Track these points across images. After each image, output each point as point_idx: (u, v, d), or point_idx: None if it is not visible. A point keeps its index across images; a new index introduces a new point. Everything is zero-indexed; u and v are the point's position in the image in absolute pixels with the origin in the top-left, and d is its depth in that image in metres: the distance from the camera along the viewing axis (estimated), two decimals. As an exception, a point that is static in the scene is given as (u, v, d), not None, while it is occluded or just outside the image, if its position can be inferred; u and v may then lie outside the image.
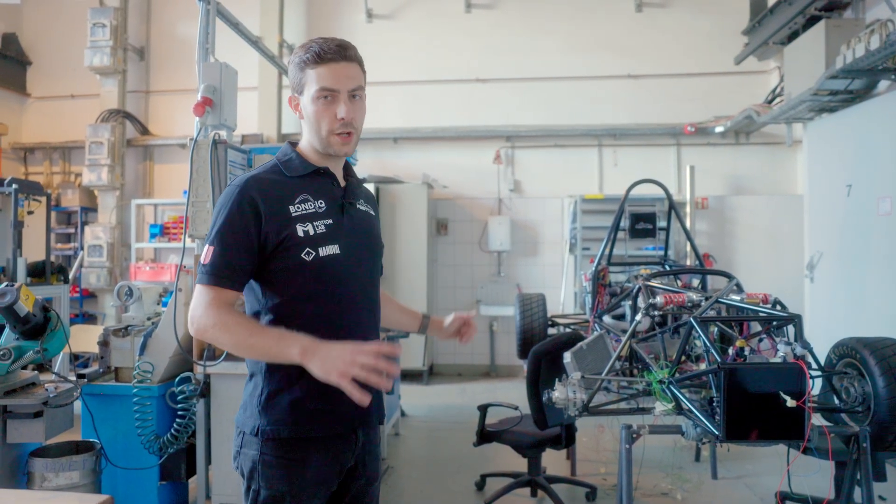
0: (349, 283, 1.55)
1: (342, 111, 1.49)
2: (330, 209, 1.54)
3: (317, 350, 1.35)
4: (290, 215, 1.48)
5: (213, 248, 1.46)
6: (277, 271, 1.49)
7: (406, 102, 7.54)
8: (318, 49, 1.48)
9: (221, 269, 1.44)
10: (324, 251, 1.49)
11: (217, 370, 2.92)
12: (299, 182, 1.53)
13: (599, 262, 3.69)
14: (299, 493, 1.47)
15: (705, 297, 2.57)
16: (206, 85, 3.02)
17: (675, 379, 2.33)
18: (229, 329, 1.41)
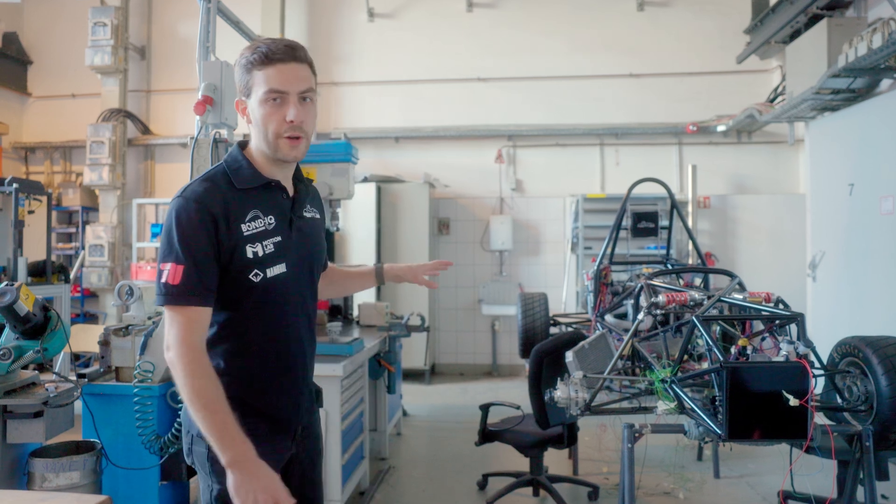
0: (292, 299, 1.56)
1: (291, 114, 1.43)
2: (279, 225, 1.51)
3: (243, 469, 1.34)
4: (243, 234, 1.44)
5: (183, 265, 1.37)
6: (225, 290, 1.45)
7: (407, 101, 7.53)
8: (265, 49, 1.43)
9: (196, 286, 1.38)
10: (271, 272, 1.48)
11: (218, 369, 2.91)
12: (249, 196, 1.48)
13: (601, 261, 3.68)
14: None
15: (708, 295, 2.56)
16: (206, 83, 3.01)
17: (678, 378, 2.32)
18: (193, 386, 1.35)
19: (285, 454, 1.57)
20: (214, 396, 1.36)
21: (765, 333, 2.48)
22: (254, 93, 1.45)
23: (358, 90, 7.72)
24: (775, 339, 2.49)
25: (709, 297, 2.52)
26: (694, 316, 2.25)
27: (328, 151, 3.24)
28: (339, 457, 2.91)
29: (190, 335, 1.37)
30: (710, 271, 3.10)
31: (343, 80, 7.74)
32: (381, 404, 4.17)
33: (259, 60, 1.43)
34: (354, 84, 7.72)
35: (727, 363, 2.08)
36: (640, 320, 2.58)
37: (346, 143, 3.24)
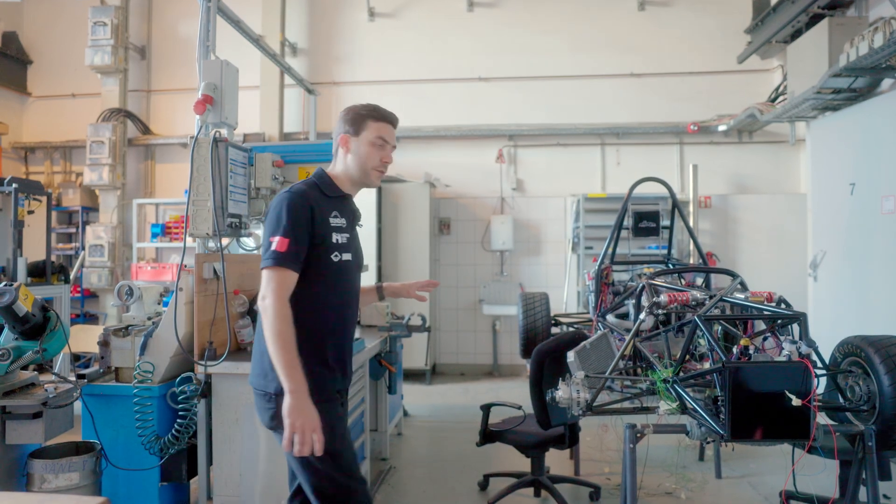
0: (350, 282, 2.07)
1: (389, 156, 2.07)
2: (348, 226, 2.05)
3: (299, 398, 1.78)
4: (331, 225, 1.97)
5: (287, 238, 1.86)
6: (312, 264, 1.92)
7: (408, 101, 7.51)
8: (383, 112, 2.08)
9: (294, 256, 1.87)
10: (345, 257, 2.00)
11: (218, 370, 2.90)
12: (333, 201, 2.03)
13: (602, 261, 3.67)
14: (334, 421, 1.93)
15: (709, 295, 2.55)
16: (206, 83, 3.01)
17: (680, 378, 2.31)
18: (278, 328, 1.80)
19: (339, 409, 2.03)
20: (290, 340, 1.81)
21: (767, 333, 2.47)
22: (363, 135, 2.04)
23: (358, 90, 7.71)
24: (777, 339, 2.48)
25: (711, 297, 2.51)
26: (696, 316, 2.24)
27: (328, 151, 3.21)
28: (339, 457, 2.90)
29: (283, 290, 1.85)
30: (712, 271, 3.08)
31: (343, 79, 7.73)
32: (382, 404, 4.16)
33: (376, 116, 2.05)
34: (355, 84, 7.71)
35: (729, 363, 2.07)
36: (642, 320, 2.57)
37: (346, 142, 3.23)
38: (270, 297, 1.83)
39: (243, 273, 3.52)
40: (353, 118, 2.05)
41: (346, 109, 2.09)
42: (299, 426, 1.75)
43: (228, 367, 2.90)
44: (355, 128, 2.05)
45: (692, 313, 2.46)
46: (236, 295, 3.28)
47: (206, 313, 2.98)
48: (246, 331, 3.28)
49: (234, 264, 3.40)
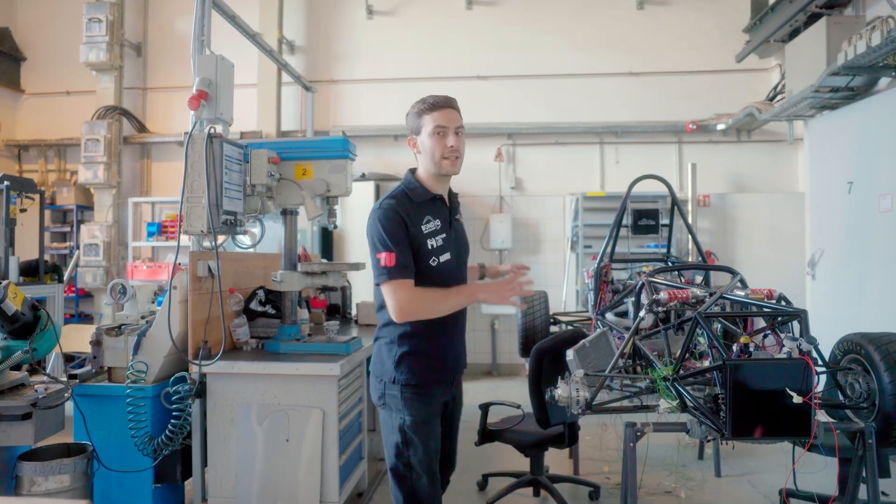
0: (454, 277, 2.19)
1: (451, 140, 2.09)
2: (443, 226, 2.15)
3: (483, 288, 2.08)
4: (423, 232, 2.09)
5: (393, 253, 2.02)
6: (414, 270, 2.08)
7: (406, 99, 7.30)
8: (432, 101, 2.11)
9: (402, 266, 2.03)
10: (443, 258, 2.13)
11: (213, 369, 2.86)
12: (423, 206, 2.13)
13: (602, 259, 3.64)
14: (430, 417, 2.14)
15: (709, 292, 2.52)
16: (201, 78, 2.97)
17: (680, 376, 2.28)
18: (428, 299, 2.05)
19: (447, 394, 2.23)
20: (441, 291, 2.07)
21: (767, 331, 2.44)
22: (424, 130, 2.11)
23: (357, 88, 7.68)
24: (778, 337, 2.46)
25: (710, 294, 2.48)
26: (696, 313, 2.21)
27: (325, 148, 3.18)
28: (336, 457, 2.86)
29: (405, 294, 2.03)
30: (712, 268, 3.06)
31: (342, 77, 7.70)
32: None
33: (428, 108, 2.10)
34: (353, 82, 7.67)
35: (730, 360, 2.04)
36: (642, 318, 2.54)
37: (343, 139, 3.19)
38: (402, 305, 2.03)
39: (239, 271, 3.49)
40: (411, 119, 2.17)
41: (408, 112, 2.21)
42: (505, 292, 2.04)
43: (223, 366, 2.86)
44: (415, 126, 2.16)
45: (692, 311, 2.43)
46: (231, 293, 3.25)
47: (201, 312, 2.95)
48: (241, 329, 3.24)
49: (229, 262, 3.37)
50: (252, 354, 3.09)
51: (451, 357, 2.21)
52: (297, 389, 2.87)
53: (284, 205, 3.23)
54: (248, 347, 3.23)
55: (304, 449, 2.83)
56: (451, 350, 2.21)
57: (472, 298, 2.09)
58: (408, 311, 2.04)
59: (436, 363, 2.15)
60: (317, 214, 3.09)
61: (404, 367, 2.12)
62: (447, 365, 2.20)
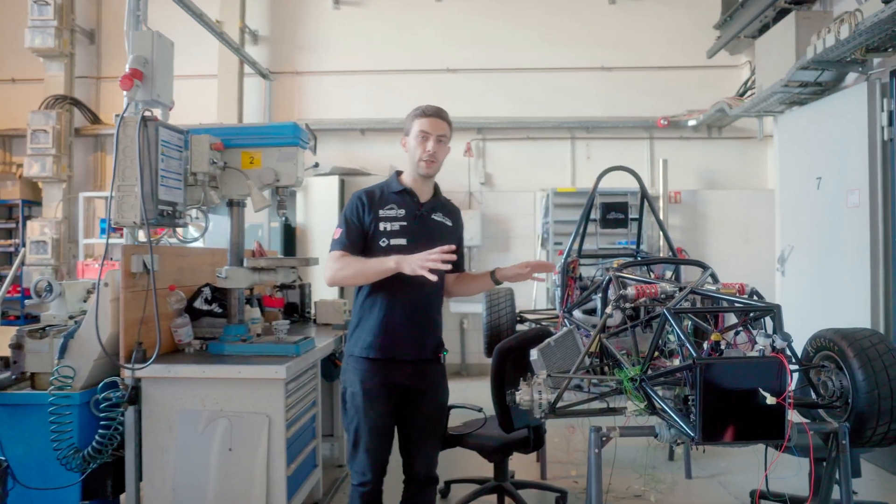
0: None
1: (430, 145, 2.36)
2: (406, 216, 2.39)
3: (404, 261, 2.21)
4: (380, 215, 2.38)
5: (340, 229, 2.39)
6: (370, 249, 2.36)
7: (374, 92, 7.28)
8: (424, 108, 2.43)
9: (342, 241, 2.37)
10: (394, 241, 2.35)
11: (148, 373, 2.63)
12: (391, 195, 2.43)
13: (569, 254, 3.49)
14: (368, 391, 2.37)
15: (679, 287, 2.38)
16: (135, 56, 2.74)
17: (648, 376, 2.13)
18: (349, 266, 2.32)
19: (403, 379, 2.40)
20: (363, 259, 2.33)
21: (739, 327, 2.31)
22: (412, 132, 2.39)
23: (323, 80, 7.45)
24: (750, 333, 2.32)
25: (680, 289, 2.34)
26: (665, 309, 2.06)
27: (274, 134, 2.97)
28: (283, 467, 2.66)
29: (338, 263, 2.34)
30: (682, 262, 2.93)
31: (307, 69, 7.46)
32: (338, 409, 3.91)
33: (419, 114, 2.41)
34: (319, 74, 7.45)
35: (700, 359, 1.89)
36: (609, 315, 2.39)
37: (293, 124, 2.98)
38: (330, 272, 2.34)
39: (182, 267, 3.25)
40: (406, 121, 2.43)
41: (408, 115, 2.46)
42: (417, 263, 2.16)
43: (159, 370, 2.63)
44: (406, 128, 2.42)
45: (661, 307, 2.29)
46: (172, 291, 3.02)
47: (135, 311, 2.71)
48: (184, 330, 3.01)
49: (171, 257, 3.14)
50: (193, 357, 2.87)
51: (398, 338, 2.37)
52: (240, 394, 2.65)
53: (230, 195, 3.00)
54: (192, 349, 3.00)
55: (248, 458, 2.62)
56: (400, 331, 2.37)
57: (386, 264, 2.25)
58: (333, 276, 2.34)
59: (379, 339, 2.36)
60: (263, 205, 2.87)
61: (353, 338, 2.43)
62: (391, 343, 2.37)
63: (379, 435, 2.37)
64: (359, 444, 2.36)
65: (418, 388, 2.43)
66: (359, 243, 2.36)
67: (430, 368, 2.48)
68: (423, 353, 2.43)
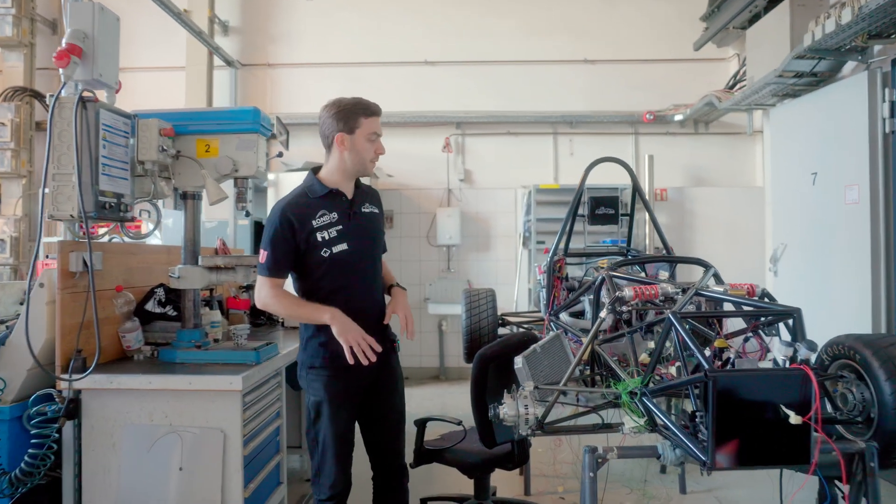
0: (356, 267, 2.32)
1: (382, 148, 2.34)
2: (340, 218, 2.27)
3: (340, 320, 2.18)
4: (314, 227, 2.23)
5: (266, 252, 2.24)
6: (307, 264, 2.26)
7: (349, 86, 6.96)
8: (370, 106, 2.28)
9: (271, 266, 2.24)
10: (336, 248, 2.25)
11: (88, 384, 2.34)
12: (318, 201, 2.27)
13: (555, 253, 3.25)
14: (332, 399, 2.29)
15: (681, 288, 2.14)
16: (73, 30, 2.45)
17: (650, 390, 1.89)
18: (282, 302, 2.25)
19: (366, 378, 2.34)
20: (299, 300, 2.28)
21: (748, 333, 2.08)
22: (359, 131, 2.26)
23: (296, 72, 7.14)
24: (761, 340, 2.10)
25: (683, 291, 2.10)
26: (670, 313, 1.82)
27: (232, 119, 2.68)
28: (240, 486, 2.38)
29: (271, 290, 2.25)
30: (682, 261, 2.70)
31: (280, 61, 7.14)
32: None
33: (367, 112, 2.27)
34: (292, 66, 7.13)
35: (713, 371, 1.65)
36: (602, 319, 2.14)
37: (254, 109, 2.70)
38: (262, 299, 2.26)
39: (132, 266, 2.94)
40: (345, 116, 2.25)
41: (332, 105, 2.28)
42: (351, 338, 2.14)
43: (100, 380, 2.34)
44: (349, 126, 2.25)
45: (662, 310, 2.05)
46: (119, 292, 2.72)
47: (74, 315, 2.41)
48: (132, 335, 2.72)
49: (118, 255, 2.83)
50: (141, 365, 2.58)
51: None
52: (192, 407, 2.37)
53: (184, 187, 2.72)
54: (141, 356, 2.71)
55: (201, 478, 2.34)
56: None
57: (319, 318, 2.20)
58: (265, 305, 2.27)
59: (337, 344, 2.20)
60: (219, 198, 2.59)
61: (309, 348, 2.32)
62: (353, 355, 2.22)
63: (346, 442, 2.33)
64: (326, 455, 2.28)
65: (382, 382, 2.41)
66: (288, 266, 2.27)
67: (389, 359, 2.45)
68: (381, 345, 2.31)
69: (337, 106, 2.26)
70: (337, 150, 2.28)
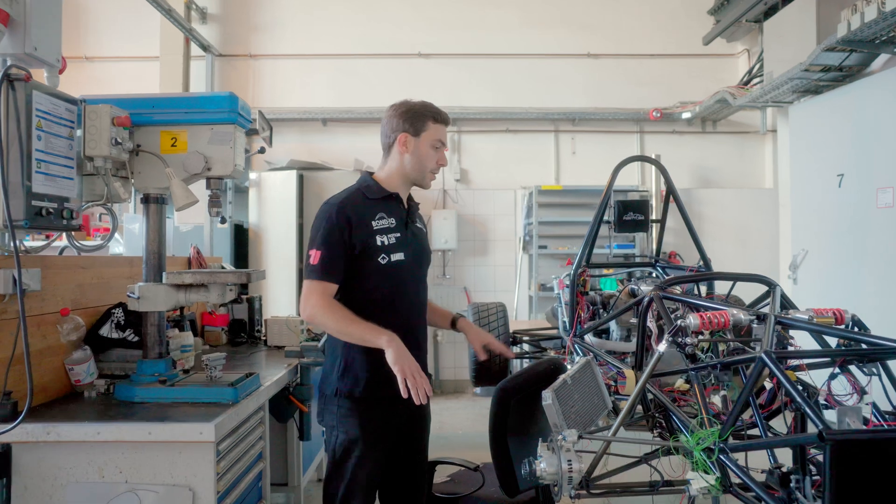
0: (409, 284, 2.16)
1: (444, 160, 2.19)
2: (398, 225, 2.11)
3: (398, 346, 1.92)
4: (373, 228, 2.06)
5: (320, 251, 2.01)
6: (359, 270, 2.05)
7: (338, 79, 6.56)
8: (441, 113, 2.17)
9: (326, 268, 2.01)
10: (394, 257, 2.08)
11: (19, 436, 1.88)
12: (377, 203, 2.11)
13: (580, 265, 2.85)
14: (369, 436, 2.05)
15: (754, 314, 1.75)
16: (3, -6, 1.98)
17: (731, 446, 1.50)
18: (335, 315, 1.98)
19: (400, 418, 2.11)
20: (353, 316, 1.98)
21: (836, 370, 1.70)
22: (425, 136, 2.12)
23: (281, 64, 6.69)
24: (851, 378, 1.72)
25: (758, 318, 1.71)
26: (762, 353, 1.43)
27: (203, 108, 2.24)
28: (214, 553, 1.95)
29: (322, 298, 1.99)
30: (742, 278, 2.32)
31: (264, 52, 6.69)
32: (294, 454, 3.20)
33: (437, 118, 2.15)
34: (277, 57, 6.68)
35: (832, 433, 1.26)
36: (661, 353, 1.75)
37: (229, 95, 2.27)
38: (311, 309, 1.97)
39: (83, 283, 2.49)
40: (412, 117, 2.10)
41: (401, 105, 2.14)
42: (408, 369, 1.86)
43: (34, 431, 1.89)
44: (416, 128, 2.10)
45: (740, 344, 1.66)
46: (65, 316, 2.26)
47: (2, 348, 1.96)
48: (82, 367, 2.27)
49: (65, 271, 2.37)
50: (92, 406, 2.13)
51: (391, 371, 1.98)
52: (153, 461, 1.93)
53: (145, 189, 2.27)
54: (93, 392, 2.26)
55: (164, 547, 1.91)
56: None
57: (375, 341, 1.93)
58: (312, 316, 1.99)
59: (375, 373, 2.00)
60: (187, 202, 2.15)
61: (344, 376, 2.07)
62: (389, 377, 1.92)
63: (373, 488, 2.12)
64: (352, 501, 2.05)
65: (415, 420, 2.18)
66: (343, 269, 2.02)
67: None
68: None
69: (405, 105, 2.13)
70: (398, 152, 2.12)
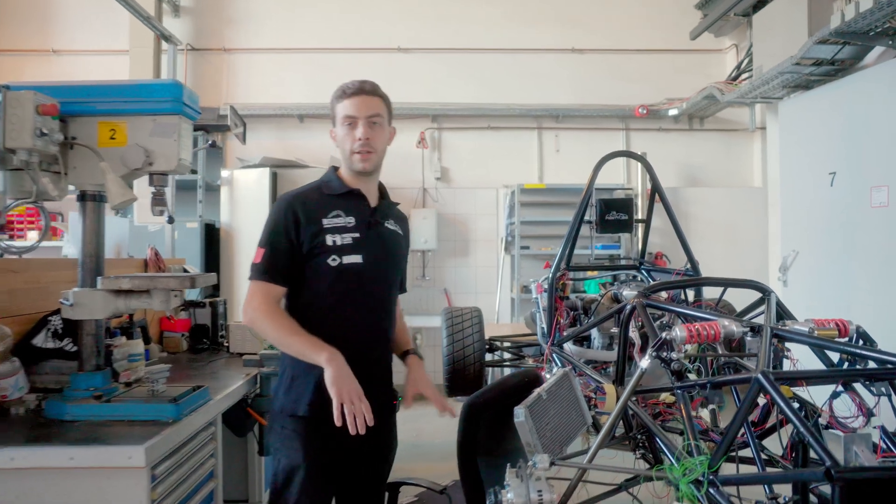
0: (367, 289, 1.93)
1: (360, 132, 1.89)
2: (358, 225, 1.92)
3: (339, 365, 1.73)
4: (324, 226, 1.88)
5: (263, 250, 1.86)
6: (306, 272, 1.88)
7: (314, 74, 6.34)
8: (343, 87, 1.94)
9: (266, 268, 1.85)
10: (347, 259, 1.88)
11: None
12: (334, 199, 1.94)
13: (558, 268, 2.67)
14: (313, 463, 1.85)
15: (747, 325, 1.58)
16: None
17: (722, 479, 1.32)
18: (275, 323, 1.82)
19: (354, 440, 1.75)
20: (296, 326, 1.81)
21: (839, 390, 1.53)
22: (337, 121, 1.95)
23: (256, 58, 6.47)
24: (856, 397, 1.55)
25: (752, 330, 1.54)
26: (758, 373, 1.25)
27: (144, 97, 2.04)
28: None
29: (263, 301, 1.83)
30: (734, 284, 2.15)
31: (237, 45, 6.47)
32: (255, 468, 3.00)
33: (338, 96, 1.94)
34: (251, 51, 6.46)
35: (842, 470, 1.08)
36: (643, 370, 1.57)
37: (174, 83, 2.07)
38: (251, 313, 1.83)
39: (14, 288, 2.28)
40: (330, 109, 1.97)
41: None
42: (346, 393, 1.68)
43: None
44: (333, 116, 1.97)
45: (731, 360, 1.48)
46: (-11, 325, 2.05)
47: None
48: (9, 381, 2.06)
49: (-8, 275, 2.17)
50: (15, 425, 1.92)
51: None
52: (79, 488, 1.73)
53: (81, 185, 2.06)
54: (21, 409, 2.04)
55: (93, 585, 1.71)
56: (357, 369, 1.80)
57: (314, 357, 1.75)
58: (252, 321, 1.85)
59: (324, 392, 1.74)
60: (125, 200, 1.94)
61: (290, 394, 1.88)
62: None
63: None
64: None
65: (374, 448, 1.96)
66: (287, 270, 1.86)
67: (387, 421, 2.02)
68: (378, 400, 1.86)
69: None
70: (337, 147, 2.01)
